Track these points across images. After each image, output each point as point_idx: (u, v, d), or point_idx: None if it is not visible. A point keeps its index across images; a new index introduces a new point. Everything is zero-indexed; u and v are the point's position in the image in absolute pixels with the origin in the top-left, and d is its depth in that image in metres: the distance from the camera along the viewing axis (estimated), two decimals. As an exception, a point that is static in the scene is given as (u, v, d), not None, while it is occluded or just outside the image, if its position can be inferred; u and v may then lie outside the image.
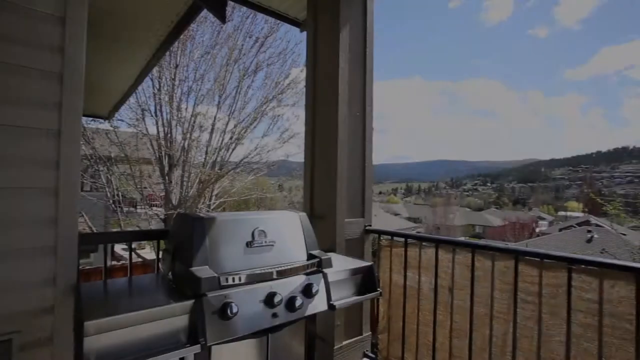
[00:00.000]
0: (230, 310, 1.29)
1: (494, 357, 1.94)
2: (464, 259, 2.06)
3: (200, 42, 8.59)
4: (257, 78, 8.96)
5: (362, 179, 2.55)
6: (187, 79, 8.50)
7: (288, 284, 1.53)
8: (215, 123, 8.77)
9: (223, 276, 1.33)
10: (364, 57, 2.56)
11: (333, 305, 1.65)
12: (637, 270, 1.48)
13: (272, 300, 1.42)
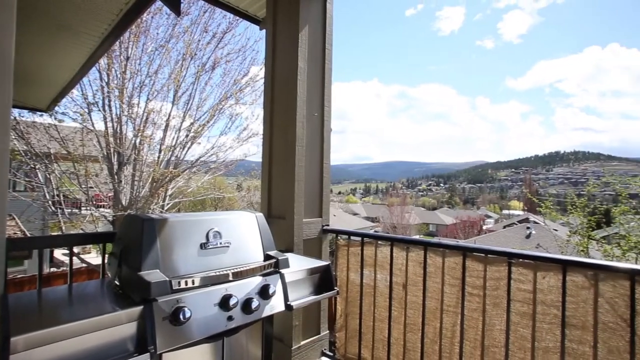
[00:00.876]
0: (182, 315, 1.24)
1: (444, 348, 2.05)
2: (417, 256, 2.16)
3: (154, 34, 8.15)
4: (214, 75, 8.68)
5: (320, 179, 2.57)
6: (140, 73, 8.03)
7: (244, 285, 1.50)
8: (169, 120, 8.37)
9: (175, 280, 1.28)
10: (322, 58, 2.58)
11: (290, 305, 1.64)
12: (564, 262, 1.65)
13: (228, 302, 1.39)
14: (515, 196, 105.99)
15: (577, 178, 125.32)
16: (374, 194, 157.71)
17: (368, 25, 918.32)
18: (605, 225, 6.06)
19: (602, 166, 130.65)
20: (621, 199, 5.77)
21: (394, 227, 35.26)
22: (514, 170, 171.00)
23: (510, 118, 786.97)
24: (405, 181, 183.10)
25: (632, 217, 5.61)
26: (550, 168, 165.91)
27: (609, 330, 1.54)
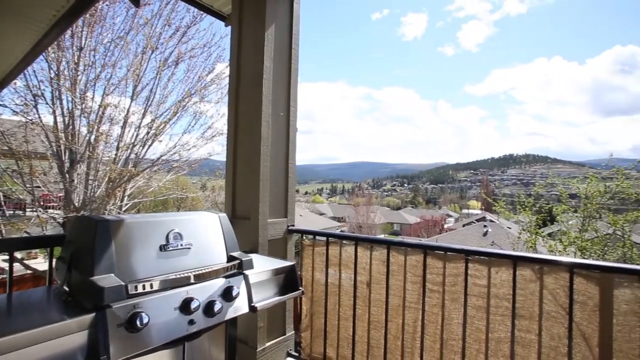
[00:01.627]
0: (139, 321, 1.18)
1: (406, 343, 2.12)
2: (381, 255, 2.21)
3: (111, 25, 7.69)
4: (177, 70, 8.34)
5: (286, 179, 2.56)
6: (95, 65, 7.55)
7: (206, 288, 1.46)
8: (128, 116, 7.94)
9: (132, 284, 1.21)
10: (289, 58, 2.57)
11: (254, 307, 1.62)
12: (514, 258, 1.76)
13: (189, 306, 1.34)
14: (473, 196, 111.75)
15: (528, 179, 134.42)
16: (340, 194, 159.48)
17: (335, 27, 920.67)
18: (550, 223, 6.55)
19: (549, 168, 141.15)
20: (562, 199, 6.26)
21: (360, 227, 35.87)
22: (473, 171, 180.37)
23: (470, 122, 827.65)
24: (370, 181, 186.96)
25: (572, 215, 6.10)
26: (505, 170, 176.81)
27: (551, 318, 1.67)
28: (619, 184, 5.78)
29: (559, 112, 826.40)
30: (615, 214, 5.73)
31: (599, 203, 5.86)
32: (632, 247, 5.43)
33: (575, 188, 6.37)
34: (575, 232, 5.89)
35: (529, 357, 1.72)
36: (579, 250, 5.64)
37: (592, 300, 1.59)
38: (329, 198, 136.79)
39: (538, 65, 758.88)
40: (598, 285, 1.57)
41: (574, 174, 7.81)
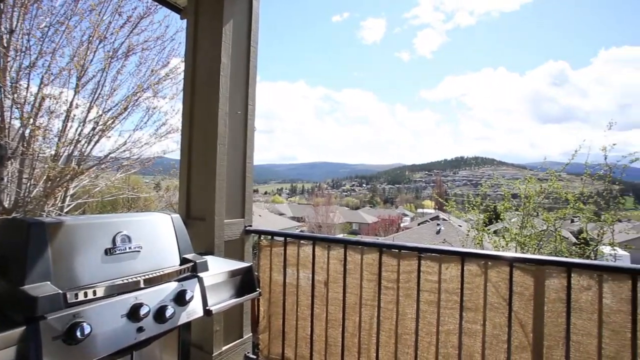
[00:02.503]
0: (80, 331, 1.10)
1: (363, 340, 2.17)
2: (338, 254, 2.24)
3: (49, 7, 7.02)
4: (128, 63, 7.83)
5: (243, 179, 2.51)
6: (30, 51, 6.85)
7: (158, 292, 1.39)
8: (72, 109, 7.32)
9: (72, 292, 1.12)
10: (247, 55, 2.53)
11: (210, 310, 1.57)
12: (462, 254, 1.88)
13: (138, 312, 1.27)
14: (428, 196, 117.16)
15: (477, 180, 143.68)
16: (300, 194, 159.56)
17: (295, 27, 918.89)
18: (495, 221, 7.04)
19: (495, 170, 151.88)
20: (505, 198, 6.77)
21: (319, 227, 36.13)
22: (428, 172, 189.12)
23: (424, 125, 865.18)
24: (330, 181, 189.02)
25: (514, 213, 6.62)
26: (457, 171, 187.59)
27: (494, 309, 1.80)
28: (551, 185, 6.33)
29: (504, 119, 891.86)
30: (548, 211, 6.27)
31: (536, 202, 6.37)
32: (561, 241, 5.98)
33: (516, 188, 6.89)
34: (516, 229, 6.37)
35: (475, 346, 1.84)
36: (519, 245, 6.11)
37: (528, 291, 1.73)
38: (288, 198, 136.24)
39: (485, 75, 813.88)
40: (533, 276, 1.72)
41: (516, 176, 8.47)
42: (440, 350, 1.93)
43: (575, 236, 6.82)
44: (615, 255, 6.26)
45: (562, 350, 1.65)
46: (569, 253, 5.96)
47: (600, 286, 1.59)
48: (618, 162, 5.83)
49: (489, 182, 7.55)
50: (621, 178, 5.97)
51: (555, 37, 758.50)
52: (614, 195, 6.07)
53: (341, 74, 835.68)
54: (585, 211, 5.86)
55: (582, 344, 1.61)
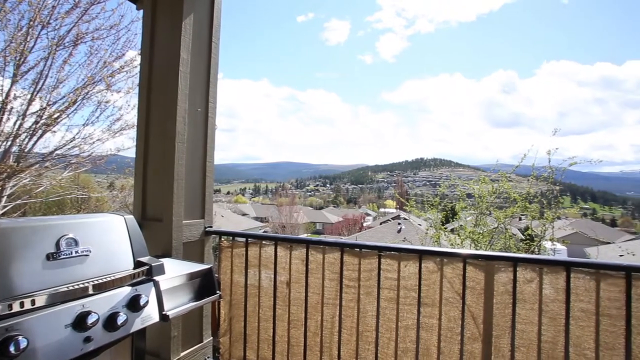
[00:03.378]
0: (14, 346, 1.00)
1: (325, 339, 2.19)
2: (300, 254, 2.25)
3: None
4: (77, 52, 7.27)
5: (203, 178, 2.43)
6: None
7: (108, 299, 1.31)
8: (9, 100, 6.68)
9: (5, 302, 1.03)
10: (209, 51, 2.45)
11: (166, 315, 1.51)
12: (420, 252, 1.96)
13: (85, 321, 1.19)
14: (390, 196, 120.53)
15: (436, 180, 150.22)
16: (263, 194, 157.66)
17: (260, 25, 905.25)
18: (452, 219, 7.41)
19: (452, 171, 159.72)
20: (461, 198, 7.15)
21: (283, 227, 35.93)
22: (389, 173, 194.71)
23: (386, 127, 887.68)
24: (294, 181, 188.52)
25: (469, 212, 7.00)
26: (417, 172, 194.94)
27: (449, 304, 1.89)
28: (502, 185, 6.76)
29: (460, 122, 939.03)
30: (499, 210, 6.69)
31: (488, 201, 6.77)
32: (510, 237, 6.42)
33: (471, 189, 7.29)
34: (471, 227, 6.73)
35: (431, 339, 1.93)
36: (473, 242, 6.47)
37: (479, 285, 1.84)
38: (252, 198, 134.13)
39: (443, 80, 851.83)
40: (484, 271, 1.84)
41: (471, 177, 8.96)
42: (400, 345, 1.99)
43: (522, 233, 7.34)
44: (554, 250, 6.84)
45: (508, 339, 1.78)
46: (516, 249, 6.41)
47: (540, 278, 1.73)
48: (560, 165, 6.38)
49: (447, 183, 7.91)
50: (561, 179, 6.53)
51: (506, 48, 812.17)
52: (555, 195, 6.61)
53: (305, 74, 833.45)
54: (531, 210, 6.34)
55: (525, 332, 1.75)
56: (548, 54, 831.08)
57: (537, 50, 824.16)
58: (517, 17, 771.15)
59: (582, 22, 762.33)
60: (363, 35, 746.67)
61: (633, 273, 1.58)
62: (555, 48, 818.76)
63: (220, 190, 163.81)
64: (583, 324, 1.65)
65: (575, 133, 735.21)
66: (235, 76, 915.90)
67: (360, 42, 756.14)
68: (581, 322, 1.65)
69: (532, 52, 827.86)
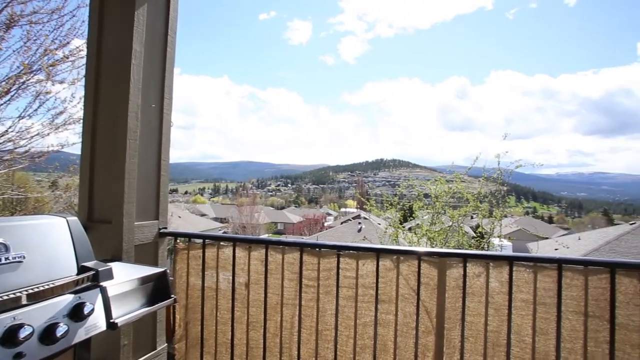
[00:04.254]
0: None
1: (284, 339, 2.18)
2: (259, 254, 2.22)
3: None
4: (10, 37, 6.57)
5: (157, 177, 2.32)
6: None
7: (46, 308, 1.20)
8: None
9: None
10: (164, 44, 2.34)
11: (114, 323, 1.41)
12: (377, 250, 2.02)
13: (16, 335, 1.07)
14: (350, 196, 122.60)
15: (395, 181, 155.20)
16: (223, 194, 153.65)
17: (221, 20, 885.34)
18: (410, 218, 7.70)
19: (410, 172, 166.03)
20: (419, 198, 7.46)
21: (244, 227, 35.25)
22: (350, 173, 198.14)
23: (347, 128, 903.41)
24: (255, 181, 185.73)
25: (426, 211, 7.32)
26: (377, 172, 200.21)
27: (405, 300, 1.97)
28: (456, 186, 7.15)
29: (418, 125, 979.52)
30: (453, 209, 7.07)
31: (444, 201, 7.12)
32: (463, 235, 6.80)
33: (428, 189, 7.62)
34: (427, 226, 7.04)
35: (388, 335, 1.99)
36: (429, 240, 6.77)
37: (432, 281, 1.93)
38: (211, 198, 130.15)
39: (402, 83, 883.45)
40: (437, 268, 1.93)
41: (428, 177, 9.37)
42: (358, 342, 2.03)
43: (473, 230, 7.81)
44: (501, 246, 7.36)
45: (459, 331, 1.88)
46: (468, 245, 6.81)
47: (487, 272, 1.86)
48: (507, 167, 6.88)
49: (405, 183, 8.21)
50: (508, 181, 7.05)
51: (459, 56, 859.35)
52: (503, 195, 7.11)
53: (267, 72, 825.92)
54: (482, 209, 6.77)
55: (474, 323, 1.86)
56: (496, 63, 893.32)
57: (487, 60, 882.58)
58: (468, 28, 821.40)
59: (525, 36, 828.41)
60: (325, 37, 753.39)
61: (563, 265, 1.74)
62: (502, 59, 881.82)
63: (178, 190, 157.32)
64: (523, 313, 1.79)
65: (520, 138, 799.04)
66: (194, 72, 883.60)
67: (322, 43, 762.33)
68: (521, 311, 1.80)
69: (482, 61, 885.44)
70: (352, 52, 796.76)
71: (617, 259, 2.07)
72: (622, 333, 1.66)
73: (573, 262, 1.77)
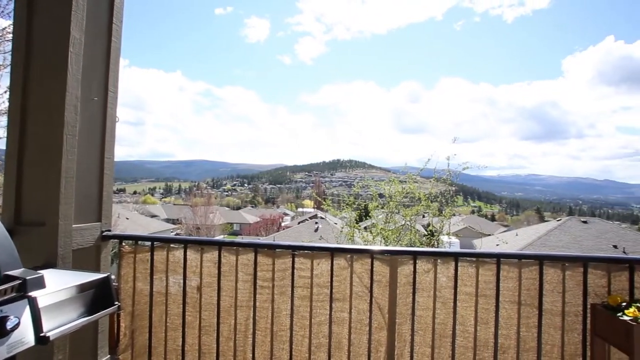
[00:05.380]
0: None
1: (238, 343, 2.13)
2: (212, 256, 2.15)
3: None
4: None
5: (100, 176, 2.15)
6: None
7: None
8: None
9: None
10: (109, 33, 2.18)
11: (46, 337, 1.29)
12: (332, 250, 2.05)
13: None
14: (307, 196, 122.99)
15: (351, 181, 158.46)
16: (176, 194, 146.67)
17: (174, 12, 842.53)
18: (365, 218, 7.90)
19: (366, 172, 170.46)
20: (374, 198, 7.69)
21: (198, 228, 33.93)
22: (307, 173, 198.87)
23: (305, 128, 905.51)
24: (210, 181, 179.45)
25: (380, 210, 7.55)
26: (334, 172, 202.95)
27: (359, 297, 2.01)
28: (409, 186, 7.46)
29: (373, 127, 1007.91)
30: (406, 208, 7.36)
31: (397, 201, 7.39)
32: (415, 233, 7.11)
33: (382, 189, 7.86)
34: (382, 224, 7.26)
35: (342, 332, 2.02)
36: (383, 238, 6.99)
37: (385, 278, 2.00)
38: (162, 198, 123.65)
39: (358, 86, 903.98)
40: (389, 265, 2.00)
41: (383, 178, 9.67)
42: (313, 341, 2.05)
43: (425, 229, 8.19)
44: (450, 243, 7.81)
45: (409, 325, 1.97)
46: (419, 243, 7.13)
47: (435, 268, 1.96)
48: (455, 168, 7.31)
49: (361, 184, 8.41)
50: (456, 181, 7.50)
51: (412, 61, 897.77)
52: (451, 195, 7.55)
53: (223, 69, 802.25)
54: (432, 208, 7.13)
55: (423, 317, 1.96)
56: (445, 71, 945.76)
57: (437, 67, 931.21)
58: (421, 36, 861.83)
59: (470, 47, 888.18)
60: (283, 36, 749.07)
61: (502, 259, 1.90)
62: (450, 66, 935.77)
63: (126, 189, 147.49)
64: (466, 305, 1.92)
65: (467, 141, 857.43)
66: (145, 65, 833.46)
67: (279, 42, 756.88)
68: (465, 303, 1.92)
69: (433, 68, 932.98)
70: (310, 53, 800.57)
71: (544, 252, 2.31)
72: (548, 317, 1.85)
73: (509, 257, 1.93)
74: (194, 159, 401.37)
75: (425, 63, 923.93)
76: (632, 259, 1.90)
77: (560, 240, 18.32)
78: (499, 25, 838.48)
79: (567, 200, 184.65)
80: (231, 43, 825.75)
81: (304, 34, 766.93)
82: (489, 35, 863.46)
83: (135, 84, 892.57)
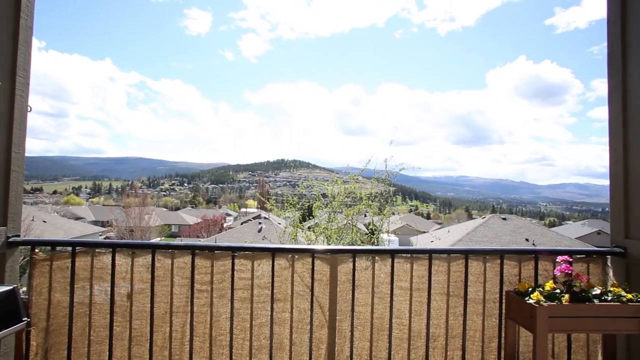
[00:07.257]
0: None
1: (174, 351, 2.00)
2: (144, 260, 2.00)
3: None
4: None
5: (6, 173, 1.88)
6: None
7: None
8: None
9: None
10: (17, 10, 1.91)
11: None
12: (272, 250, 2.03)
13: None
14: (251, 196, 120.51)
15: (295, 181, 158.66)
16: (106, 194, 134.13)
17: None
18: (309, 217, 7.96)
19: (310, 173, 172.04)
20: (317, 197, 7.79)
21: (131, 231, 31.37)
22: (251, 172, 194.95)
23: (248, 126, 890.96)
24: (146, 180, 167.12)
25: (324, 210, 7.67)
26: (278, 172, 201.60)
27: (300, 297, 2.02)
28: (351, 186, 7.68)
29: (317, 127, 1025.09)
30: (348, 208, 7.57)
31: (340, 200, 7.57)
32: (357, 232, 7.34)
33: (326, 189, 7.99)
34: (325, 224, 7.38)
35: (284, 333, 2.01)
36: (326, 238, 7.11)
37: (325, 277, 2.03)
38: (89, 199, 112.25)
39: (303, 86, 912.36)
40: (329, 264, 2.04)
41: (326, 178, 9.84)
42: (254, 343, 2.01)
43: (366, 227, 8.48)
44: (389, 240, 8.20)
45: (349, 321, 2.02)
46: (361, 241, 7.38)
47: (374, 265, 2.04)
48: (394, 169, 7.69)
49: (305, 184, 8.46)
50: (394, 182, 7.90)
51: (355, 65, 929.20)
52: (390, 194, 7.92)
53: (159, 61, 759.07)
54: (373, 207, 7.41)
55: (362, 313, 2.03)
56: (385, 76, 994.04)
57: (378, 71, 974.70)
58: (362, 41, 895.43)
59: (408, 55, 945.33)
60: (226, 31, 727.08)
61: (433, 254, 2.04)
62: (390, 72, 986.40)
63: (43, 189, 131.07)
64: (402, 299, 2.03)
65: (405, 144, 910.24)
66: (67, 49, 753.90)
67: (222, 37, 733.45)
68: (400, 297, 2.03)
69: (374, 73, 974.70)
70: (254, 50, 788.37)
71: (469, 247, 2.55)
72: (472, 305, 2.03)
73: (440, 252, 2.09)
74: (127, 156, 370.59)
75: (367, 67, 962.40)
76: (537, 250, 2.16)
77: (484, 235, 20.39)
78: (433, 37, 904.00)
79: (490, 199, 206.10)
80: (169, 34, 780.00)
81: (248, 31, 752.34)
82: (425, 45, 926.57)
83: (55, 71, 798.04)
